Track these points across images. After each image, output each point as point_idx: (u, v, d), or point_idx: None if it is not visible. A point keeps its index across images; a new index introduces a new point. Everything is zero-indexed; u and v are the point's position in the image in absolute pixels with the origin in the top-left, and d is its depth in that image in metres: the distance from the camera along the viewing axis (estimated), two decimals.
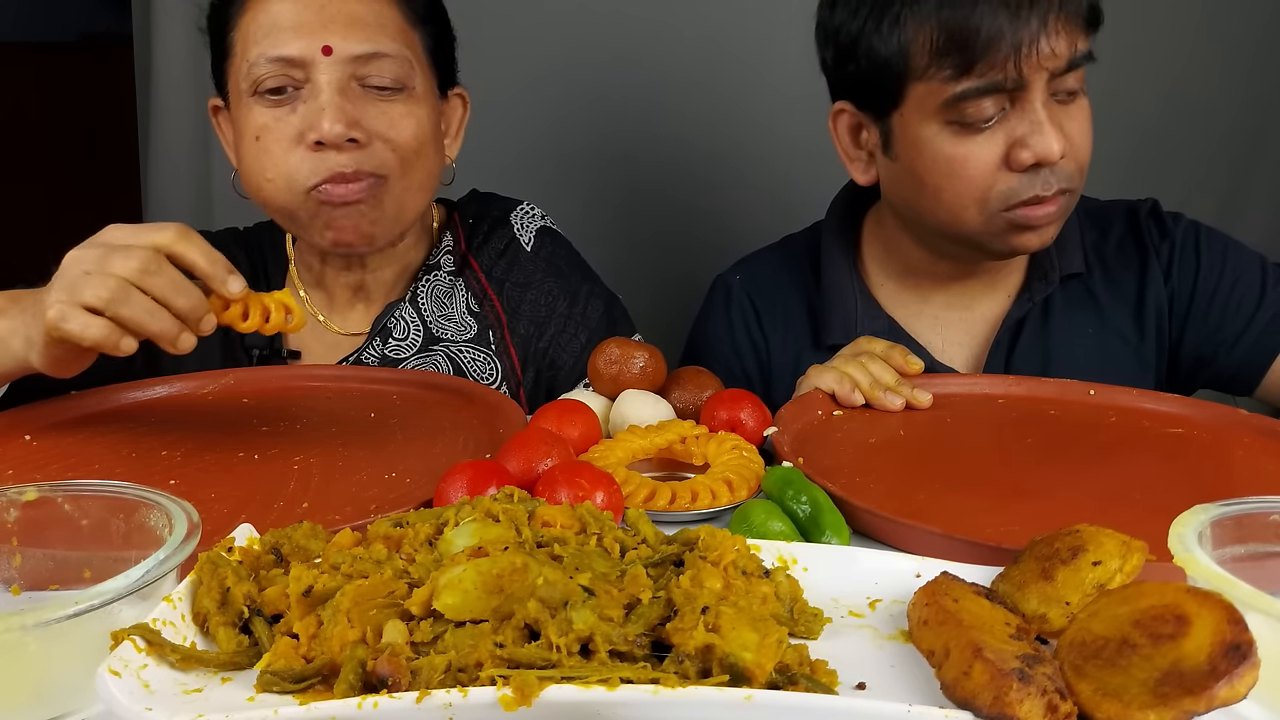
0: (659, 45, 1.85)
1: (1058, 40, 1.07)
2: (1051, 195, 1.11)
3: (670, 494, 0.84)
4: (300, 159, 1.09)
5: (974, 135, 1.10)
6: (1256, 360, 1.22)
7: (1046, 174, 1.11)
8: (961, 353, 1.27)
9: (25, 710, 0.56)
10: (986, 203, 1.12)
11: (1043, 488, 0.87)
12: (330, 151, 1.08)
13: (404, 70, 1.12)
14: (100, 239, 0.88)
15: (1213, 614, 0.50)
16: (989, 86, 1.07)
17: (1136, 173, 1.82)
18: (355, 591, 0.55)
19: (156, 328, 0.84)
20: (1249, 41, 1.89)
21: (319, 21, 1.08)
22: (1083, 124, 1.13)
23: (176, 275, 0.85)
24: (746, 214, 1.88)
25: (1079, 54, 1.09)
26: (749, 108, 1.87)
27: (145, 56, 1.90)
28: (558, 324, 1.26)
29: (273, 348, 1.23)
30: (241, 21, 1.12)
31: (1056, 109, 1.10)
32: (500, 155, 1.61)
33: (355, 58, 1.09)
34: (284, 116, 1.10)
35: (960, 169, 1.12)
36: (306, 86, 1.09)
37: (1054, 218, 1.14)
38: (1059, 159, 1.09)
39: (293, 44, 1.08)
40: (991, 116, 1.09)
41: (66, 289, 0.84)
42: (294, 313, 0.91)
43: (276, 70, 1.08)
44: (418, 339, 1.23)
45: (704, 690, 0.49)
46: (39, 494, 0.68)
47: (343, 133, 1.07)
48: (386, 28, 1.12)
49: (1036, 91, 1.08)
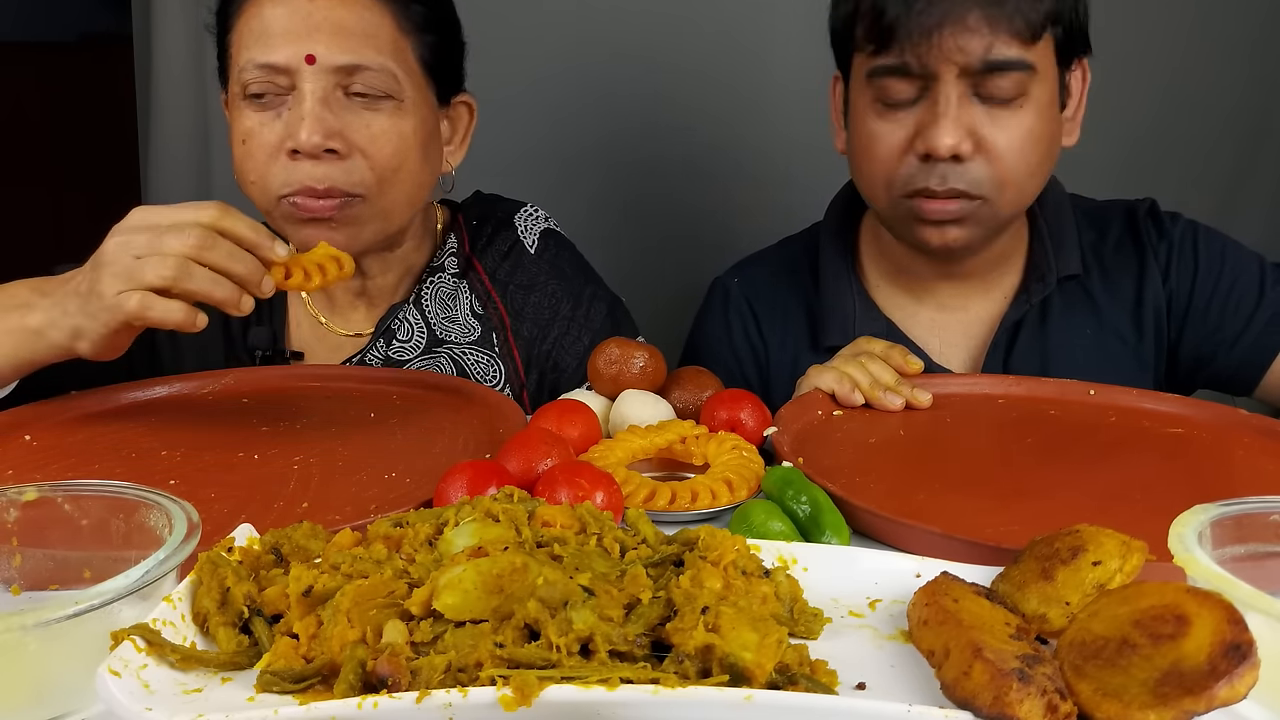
0: (661, 42, 1.85)
1: (969, 37, 1.07)
2: (943, 192, 1.11)
3: (670, 494, 0.84)
4: (279, 167, 1.09)
5: (890, 115, 1.13)
6: (1255, 360, 1.22)
7: (944, 169, 1.11)
8: (959, 354, 1.27)
9: (25, 710, 0.56)
10: (891, 185, 1.15)
11: (1043, 488, 0.87)
12: (306, 162, 1.08)
13: (390, 81, 1.11)
14: (139, 223, 0.89)
15: (1213, 614, 0.50)
16: (898, 67, 1.10)
17: (1134, 172, 1.82)
18: (355, 591, 0.55)
19: (221, 294, 0.89)
20: (1246, 40, 1.89)
21: (305, 29, 1.08)
22: (1015, 134, 1.10)
23: (229, 245, 0.89)
24: (751, 213, 1.88)
25: (1003, 59, 1.07)
26: (753, 103, 1.87)
27: (145, 56, 1.90)
28: (561, 326, 1.26)
29: (275, 348, 1.23)
30: (237, 24, 1.12)
31: (976, 110, 1.10)
32: (503, 156, 1.60)
33: (339, 68, 1.08)
34: (268, 122, 1.10)
35: (871, 146, 1.15)
36: (292, 93, 1.09)
37: (952, 217, 1.13)
38: (945, 155, 1.09)
39: (279, 51, 1.08)
40: (905, 99, 1.11)
41: (126, 276, 0.87)
42: (344, 261, 0.96)
43: (262, 76, 1.08)
44: (421, 341, 1.23)
45: (704, 690, 0.49)
46: (39, 494, 0.68)
47: (319, 143, 1.07)
48: (375, 37, 1.11)
49: (946, 84, 1.09)
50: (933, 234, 1.15)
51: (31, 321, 0.93)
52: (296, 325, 1.27)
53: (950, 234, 1.15)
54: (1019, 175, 1.13)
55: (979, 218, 1.14)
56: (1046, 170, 1.17)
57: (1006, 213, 1.15)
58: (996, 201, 1.13)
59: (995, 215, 1.15)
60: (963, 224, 1.14)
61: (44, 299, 0.94)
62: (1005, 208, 1.15)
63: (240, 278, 0.89)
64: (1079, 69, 1.19)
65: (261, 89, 1.09)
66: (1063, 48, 1.13)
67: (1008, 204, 1.14)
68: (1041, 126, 1.12)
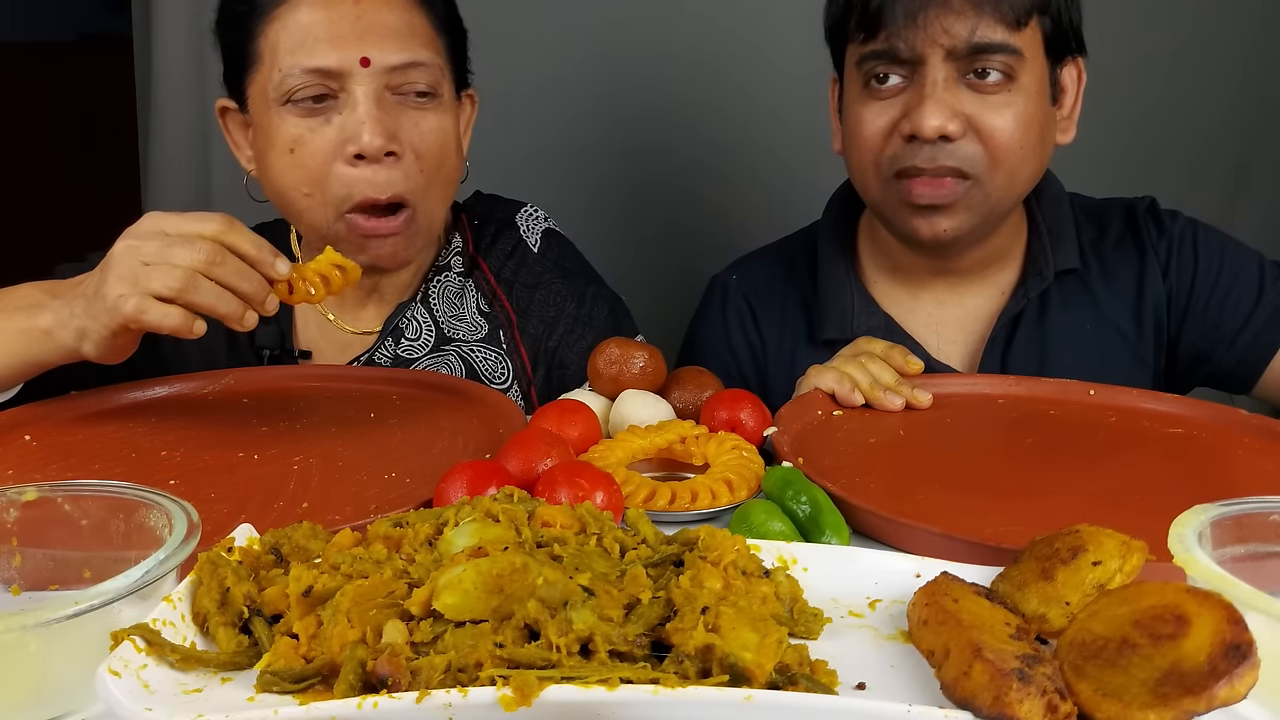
0: (660, 39, 1.85)
1: (955, 20, 1.08)
2: (932, 170, 1.12)
3: (670, 494, 0.84)
4: (337, 175, 1.10)
5: (878, 100, 1.15)
6: (1254, 358, 1.22)
7: (932, 149, 1.11)
8: (957, 350, 1.27)
9: (25, 710, 0.56)
10: (879, 167, 1.16)
11: (1043, 488, 0.87)
12: (367, 168, 1.09)
13: (436, 78, 1.13)
14: (150, 229, 0.90)
15: (1213, 614, 0.50)
16: (885, 52, 1.12)
17: (1134, 170, 1.82)
18: (355, 591, 0.55)
19: (225, 309, 0.89)
20: (1246, 38, 1.89)
21: (355, 32, 1.09)
22: (1005, 116, 1.12)
23: (237, 262, 0.90)
24: (748, 211, 1.88)
25: (988, 41, 1.09)
26: (752, 101, 1.86)
27: (145, 56, 1.90)
28: (566, 324, 1.27)
29: (284, 348, 1.24)
30: (269, 30, 1.11)
31: (964, 93, 1.11)
32: (501, 153, 1.60)
33: (392, 68, 1.09)
34: (318, 128, 1.10)
35: (859, 130, 1.17)
36: (342, 96, 1.09)
37: (942, 200, 1.13)
38: (931, 135, 1.10)
39: (329, 55, 1.08)
40: (894, 84, 1.13)
41: (130, 281, 0.87)
42: (348, 268, 0.96)
43: (312, 81, 1.08)
44: (430, 339, 1.24)
45: (704, 690, 0.49)
46: (39, 494, 0.68)
47: (382, 146, 1.08)
48: (419, 35, 1.13)
49: (933, 67, 1.10)
50: (922, 224, 1.15)
51: (42, 322, 0.94)
52: (304, 324, 1.27)
53: (940, 224, 1.15)
54: (1010, 156, 1.13)
55: (970, 202, 1.14)
56: (1039, 158, 1.17)
57: (997, 197, 1.15)
58: (988, 183, 1.13)
59: (986, 199, 1.14)
60: (953, 212, 1.14)
61: (54, 300, 0.94)
62: (996, 191, 1.14)
63: (246, 295, 0.90)
64: (1074, 68, 1.20)
65: (314, 93, 1.09)
66: (1051, 41, 1.14)
67: (999, 187, 1.14)
68: (1031, 112, 1.13)
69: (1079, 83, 1.21)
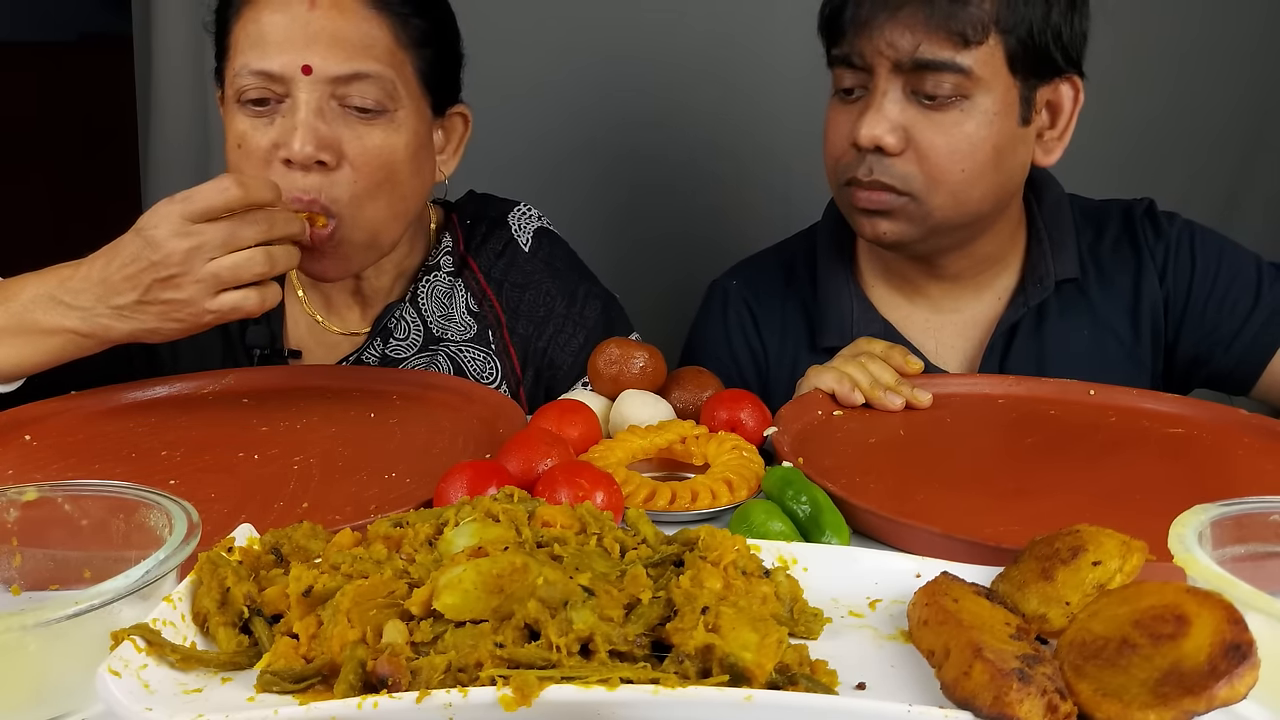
0: (656, 41, 1.84)
1: (901, 34, 1.08)
2: (868, 182, 1.13)
3: (670, 494, 0.84)
4: (271, 174, 1.08)
5: (843, 105, 1.17)
6: (1253, 359, 1.22)
7: (871, 161, 1.12)
8: (955, 356, 1.27)
9: (25, 710, 0.56)
10: (835, 172, 1.18)
11: (1043, 488, 0.87)
12: (297, 172, 1.07)
13: (386, 93, 1.10)
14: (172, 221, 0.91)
15: (1213, 614, 0.50)
16: (842, 58, 1.14)
17: (1132, 172, 1.81)
18: (355, 591, 0.55)
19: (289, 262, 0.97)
20: (1247, 39, 1.89)
21: (303, 39, 1.07)
22: (950, 137, 1.10)
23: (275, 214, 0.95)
24: (744, 212, 1.88)
25: (932, 59, 1.07)
26: (749, 103, 1.86)
27: (145, 56, 1.90)
28: (556, 324, 1.26)
29: (273, 348, 1.23)
30: (235, 27, 1.11)
31: (912, 108, 1.10)
32: (496, 154, 1.60)
33: (335, 78, 1.07)
34: (261, 128, 1.09)
35: (826, 133, 1.20)
36: (287, 101, 1.08)
37: (878, 208, 1.13)
38: (866, 145, 1.11)
39: (275, 59, 1.07)
40: (853, 89, 1.15)
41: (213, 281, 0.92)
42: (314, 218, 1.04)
43: (258, 83, 1.08)
44: (418, 339, 1.24)
45: (704, 690, 0.49)
46: (39, 494, 0.68)
47: (311, 154, 1.06)
48: (372, 49, 1.10)
49: (880, 78, 1.11)
50: (865, 224, 1.17)
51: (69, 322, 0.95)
52: (294, 324, 1.27)
53: (881, 226, 1.15)
54: (951, 179, 1.11)
55: (908, 214, 1.14)
56: (994, 180, 1.13)
57: (941, 216, 1.14)
58: (927, 201, 1.12)
59: (927, 215, 1.13)
60: (893, 219, 1.14)
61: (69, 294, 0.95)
62: (939, 210, 1.13)
63: (295, 236, 0.96)
64: (1068, 86, 1.15)
65: (258, 95, 1.08)
66: (1019, 59, 1.10)
67: (940, 207, 1.13)
68: (984, 134, 1.10)
69: (1075, 102, 1.17)
